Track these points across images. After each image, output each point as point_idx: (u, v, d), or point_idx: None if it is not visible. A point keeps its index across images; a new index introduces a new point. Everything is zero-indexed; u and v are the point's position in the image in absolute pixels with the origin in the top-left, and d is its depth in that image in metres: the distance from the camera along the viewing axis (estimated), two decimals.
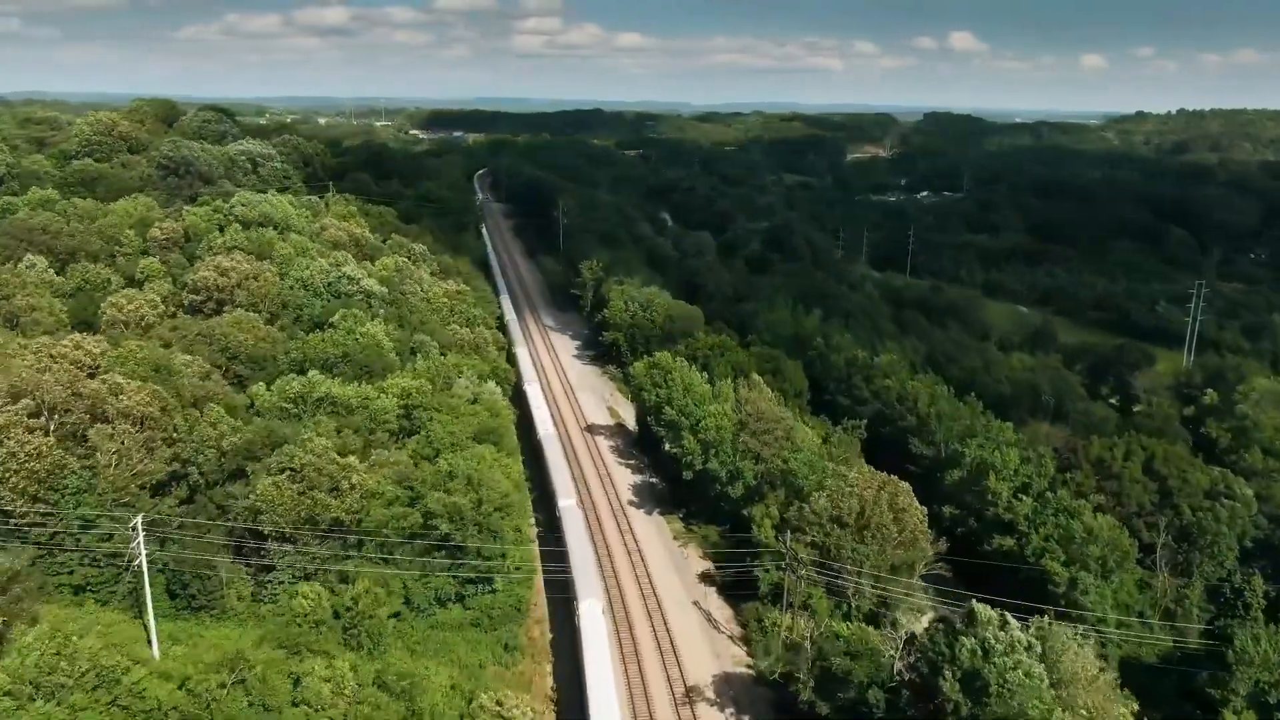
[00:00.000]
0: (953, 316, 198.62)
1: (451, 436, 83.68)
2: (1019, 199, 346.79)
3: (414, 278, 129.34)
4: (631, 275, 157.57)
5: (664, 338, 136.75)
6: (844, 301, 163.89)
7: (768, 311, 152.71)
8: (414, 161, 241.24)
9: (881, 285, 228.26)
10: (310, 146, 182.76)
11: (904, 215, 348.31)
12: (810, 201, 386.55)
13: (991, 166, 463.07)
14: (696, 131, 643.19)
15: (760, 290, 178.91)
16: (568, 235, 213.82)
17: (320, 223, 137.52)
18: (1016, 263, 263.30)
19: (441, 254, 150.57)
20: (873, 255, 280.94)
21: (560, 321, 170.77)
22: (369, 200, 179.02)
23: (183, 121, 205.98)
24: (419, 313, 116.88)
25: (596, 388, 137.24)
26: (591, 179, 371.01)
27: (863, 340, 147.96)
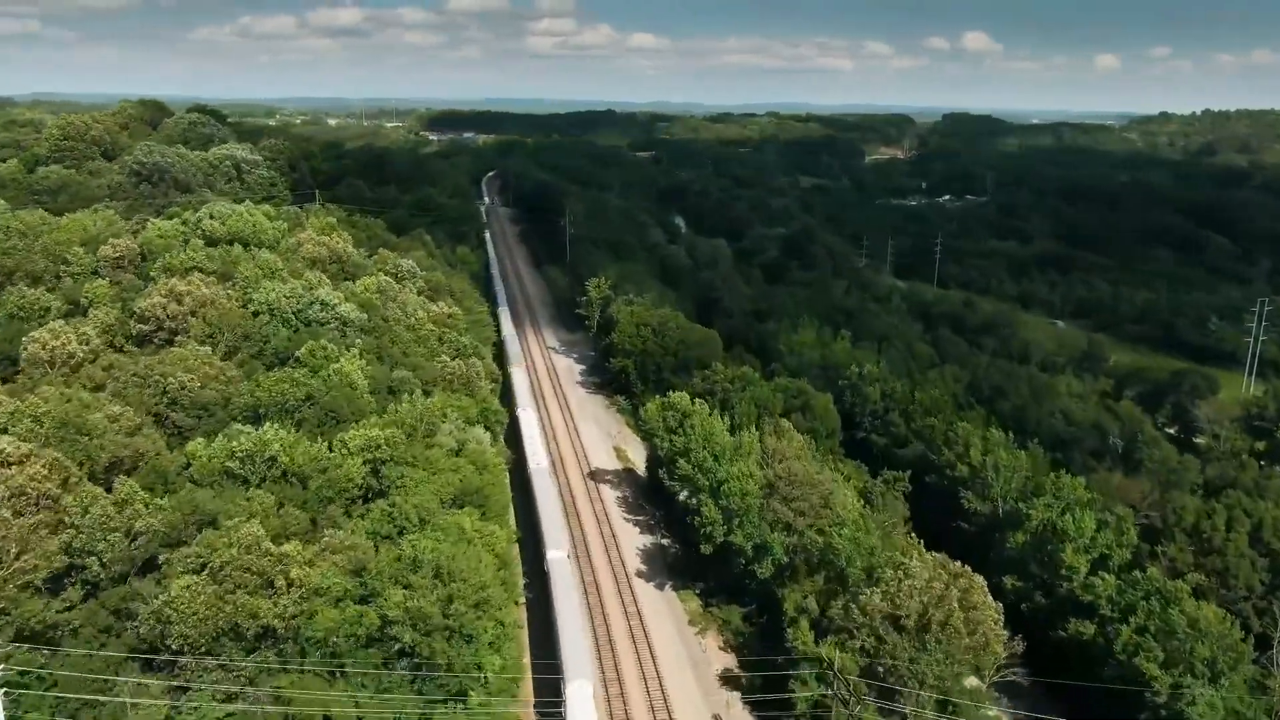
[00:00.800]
0: (988, 334, 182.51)
1: (420, 509, 68.54)
2: (1046, 203, 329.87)
3: (399, 300, 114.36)
4: (642, 291, 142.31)
5: (678, 366, 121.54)
6: (874, 321, 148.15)
7: (791, 333, 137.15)
8: (415, 165, 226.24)
9: (909, 297, 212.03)
10: (297, 150, 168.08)
11: (926, 220, 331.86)
12: (828, 205, 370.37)
13: (1014, 169, 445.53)
14: (709, 132, 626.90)
15: (781, 304, 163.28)
16: (575, 244, 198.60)
17: (297, 237, 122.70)
18: (1048, 272, 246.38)
19: (434, 269, 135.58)
20: (896, 263, 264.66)
21: (564, 341, 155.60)
22: (362, 209, 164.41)
23: (167, 124, 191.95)
24: (401, 343, 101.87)
25: (602, 420, 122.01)
26: (602, 181, 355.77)
27: (897, 366, 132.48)
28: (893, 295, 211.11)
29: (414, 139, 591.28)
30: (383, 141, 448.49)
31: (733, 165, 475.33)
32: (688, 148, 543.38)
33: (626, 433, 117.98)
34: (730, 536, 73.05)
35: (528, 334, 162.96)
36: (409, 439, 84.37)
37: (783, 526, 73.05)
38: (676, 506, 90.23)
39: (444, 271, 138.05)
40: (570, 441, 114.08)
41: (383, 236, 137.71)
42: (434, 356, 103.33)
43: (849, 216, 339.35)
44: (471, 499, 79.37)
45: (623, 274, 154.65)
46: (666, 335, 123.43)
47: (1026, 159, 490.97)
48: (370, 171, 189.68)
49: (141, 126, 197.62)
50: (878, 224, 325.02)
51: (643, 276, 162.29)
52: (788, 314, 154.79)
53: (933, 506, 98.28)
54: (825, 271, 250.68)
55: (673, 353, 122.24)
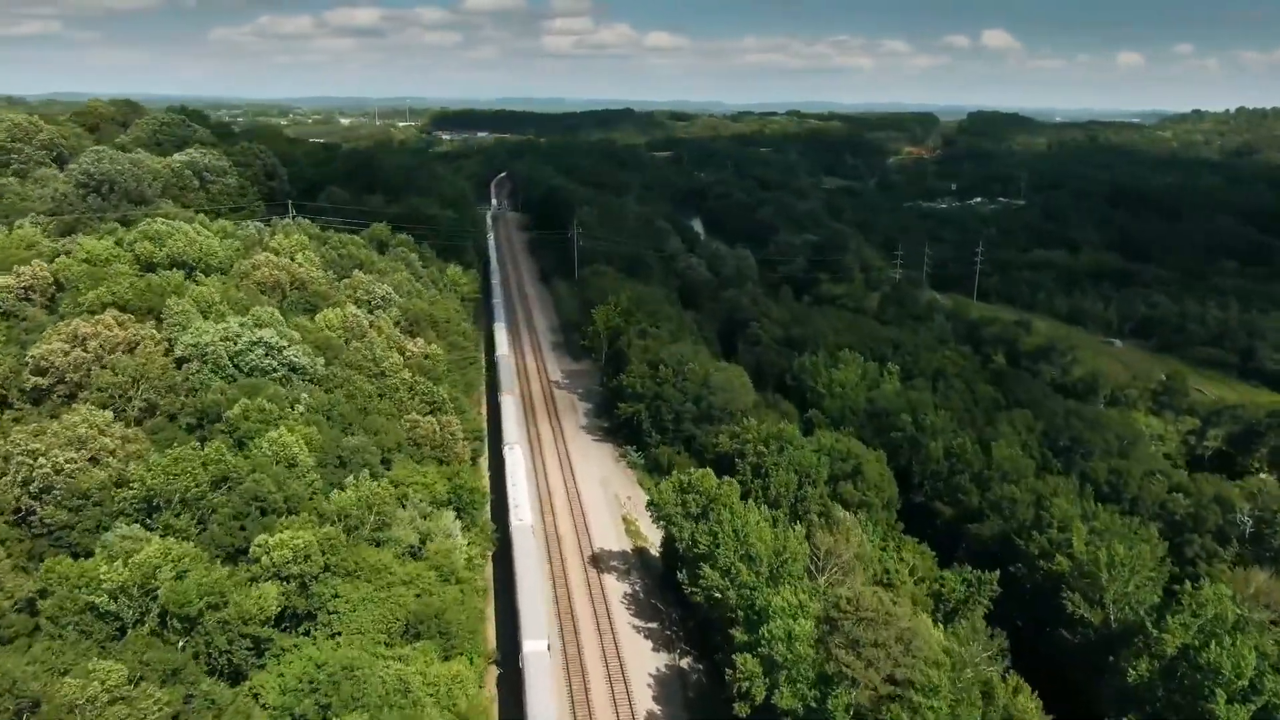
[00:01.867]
0: (1045, 359, 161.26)
1: (348, 668, 48.62)
2: (1090, 207, 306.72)
3: (367, 338, 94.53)
4: (658, 319, 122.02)
5: (700, 415, 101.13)
6: (924, 352, 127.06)
7: (830, 366, 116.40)
8: (407, 172, 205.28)
9: (953, 315, 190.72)
10: (280, 154, 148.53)
11: (960, 225, 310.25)
12: (855, 208, 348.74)
13: (1049, 170, 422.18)
14: (729, 131, 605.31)
15: (815, 329, 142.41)
16: (585, 259, 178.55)
17: (252, 260, 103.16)
18: (1100, 284, 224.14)
19: (418, 294, 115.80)
20: (932, 273, 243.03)
21: (569, 372, 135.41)
22: (344, 221, 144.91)
23: (137, 125, 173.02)
24: (361, 396, 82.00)
25: (609, 477, 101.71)
26: (618, 185, 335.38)
27: (956, 409, 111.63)
28: (934, 313, 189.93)
29: (426, 139, 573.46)
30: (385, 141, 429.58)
31: (754, 166, 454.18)
32: (707, 147, 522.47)
33: (638, 495, 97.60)
34: (775, 698, 52.71)
35: (528, 358, 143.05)
36: (352, 535, 64.69)
37: (848, 682, 52.63)
38: (700, 609, 70.14)
39: (429, 297, 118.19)
40: (569, 507, 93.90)
41: (359, 255, 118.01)
42: (401, 413, 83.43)
43: (878, 221, 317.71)
44: (430, 625, 59.52)
45: (637, 296, 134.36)
46: (687, 377, 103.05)
47: (1059, 159, 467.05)
48: (357, 178, 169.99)
49: (112, 128, 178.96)
50: (909, 230, 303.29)
51: (659, 298, 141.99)
52: (823, 341, 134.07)
53: (1020, 605, 77.83)
54: (855, 284, 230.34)
55: (694, 398, 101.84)
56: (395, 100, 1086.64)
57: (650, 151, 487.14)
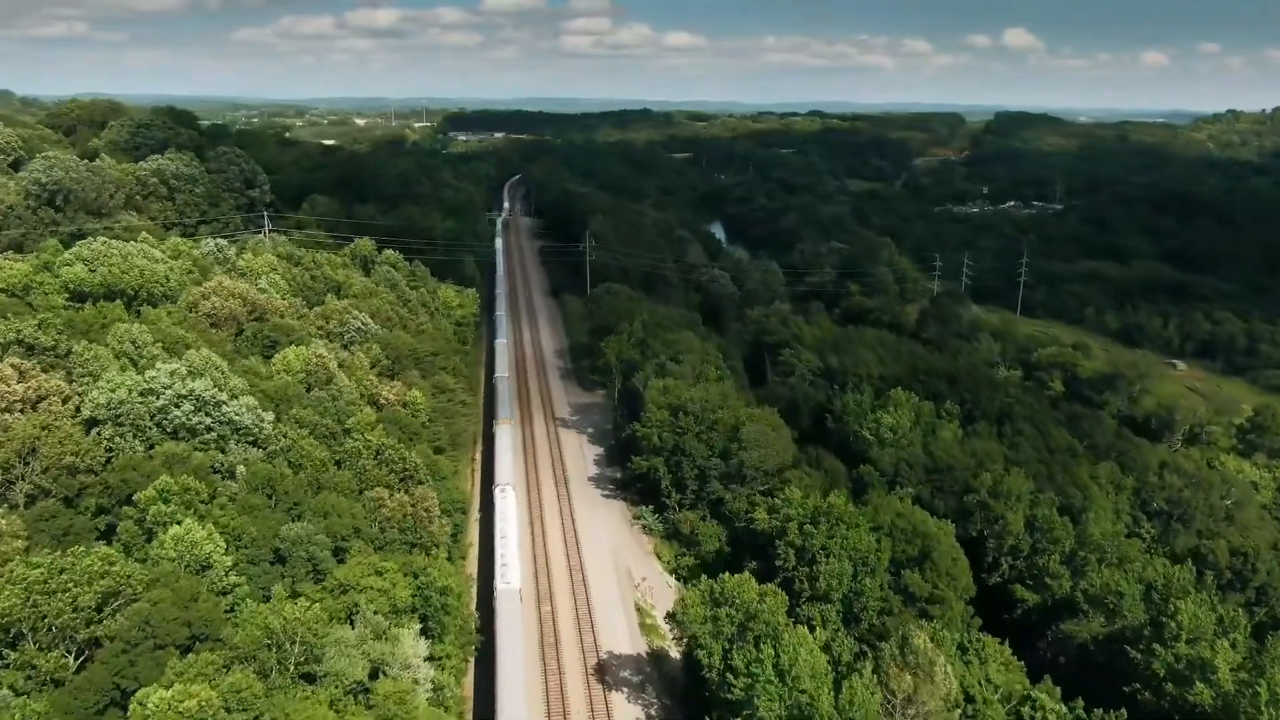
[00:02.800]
0: (1110, 388, 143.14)
1: None
2: (1134, 213, 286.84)
3: (334, 383, 78.41)
4: (678, 351, 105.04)
5: (729, 473, 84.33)
6: (984, 390, 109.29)
7: (876, 405, 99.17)
8: (416, 175, 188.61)
9: (1001, 335, 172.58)
10: (249, 161, 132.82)
11: (996, 231, 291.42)
12: (882, 213, 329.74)
13: (1083, 172, 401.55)
14: (749, 130, 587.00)
15: (855, 355, 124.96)
16: (599, 273, 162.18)
17: (204, 286, 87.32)
18: (1156, 299, 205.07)
19: (402, 323, 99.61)
20: (971, 286, 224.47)
21: (578, 406, 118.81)
22: (332, 236, 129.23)
23: (112, 128, 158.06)
24: (314, 465, 65.75)
25: (620, 546, 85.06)
26: (636, 188, 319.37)
27: (1028, 459, 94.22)
28: (980, 334, 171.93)
29: (441, 139, 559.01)
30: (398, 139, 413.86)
31: (776, 167, 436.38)
32: (727, 148, 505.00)
33: (655, 573, 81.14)
34: None
35: (532, 387, 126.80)
36: (276, 672, 48.50)
37: None
38: None
39: (417, 324, 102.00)
40: (570, 584, 77.22)
41: (337, 277, 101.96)
42: (364, 486, 67.12)
43: (909, 227, 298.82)
44: None
45: (654, 319, 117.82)
46: (713, 426, 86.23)
47: (1092, 161, 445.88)
48: (350, 185, 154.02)
49: (88, 131, 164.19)
50: (941, 236, 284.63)
51: (678, 320, 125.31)
52: (866, 371, 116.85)
53: None
54: (889, 297, 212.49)
55: (721, 452, 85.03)
56: (416, 100, 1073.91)
57: (668, 153, 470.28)
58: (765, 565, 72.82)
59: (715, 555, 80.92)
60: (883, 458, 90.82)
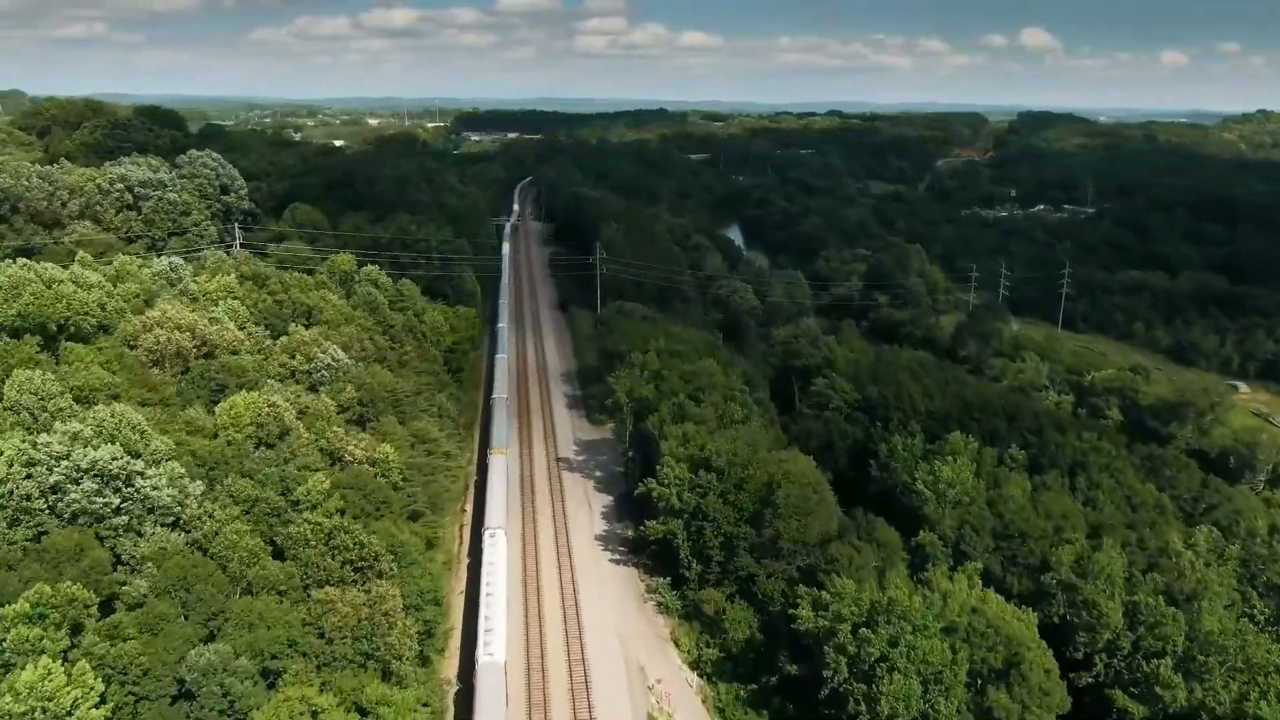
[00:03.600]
0: (1176, 418, 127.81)
1: None
2: (1173, 218, 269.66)
3: (291, 437, 64.49)
4: (700, 385, 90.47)
5: (762, 545, 69.85)
6: (1050, 432, 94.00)
7: (927, 451, 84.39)
8: (415, 179, 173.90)
9: (1047, 353, 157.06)
10: (226, 166, 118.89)
11: (1028, 237, 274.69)
12: (907, 216, 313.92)
13: (1113, 174, 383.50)
14: (766, 129, 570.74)
15: (897, 384, 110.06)
16: (611, 286, 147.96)
17: (145, 316, 73.55)
18: (1210, 313, 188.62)
19: (380, 357, 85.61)
20: (1008, 296, 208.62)
21: (585, 443, 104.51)
22: (318, 249, 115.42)
23: (85, 130, 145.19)
24: (244, 556, 51.71)
25: (630, 635, 70.33)
26: (650, 190, 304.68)
27: (1111, 520, 79.42)
28: (1024, 352, 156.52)
29: (454, 139, 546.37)
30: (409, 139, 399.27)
31: (794, 168, 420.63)
32: (744, 148, 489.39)
33: (672, 664, 66.76)
34: None
35: (534, 417, 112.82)
36: None
37: None
38: None
39: (400, 355, 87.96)
40: (569, 682, 62.89)
41: (308, 300, 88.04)
42: (310, 581, 53.08)
43: (936, 232, 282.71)
44: None
45: (671, 346, 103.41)
46: (742, 485, 71.76)
47: (1121, 162, 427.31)
48: (341, 191, 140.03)
49: (62, 133, 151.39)
50: (971, 242, 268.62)
51: (698, 343, 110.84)
52: (911, 403, 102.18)
53: None
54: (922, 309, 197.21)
55: (752, 515, 70.57)
56: (432, 101, 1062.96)
57: (684, 154, 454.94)
58: (810, 670, 58.55)
59: (745, 645, 66.54)
60: (943, 520, 76.13)
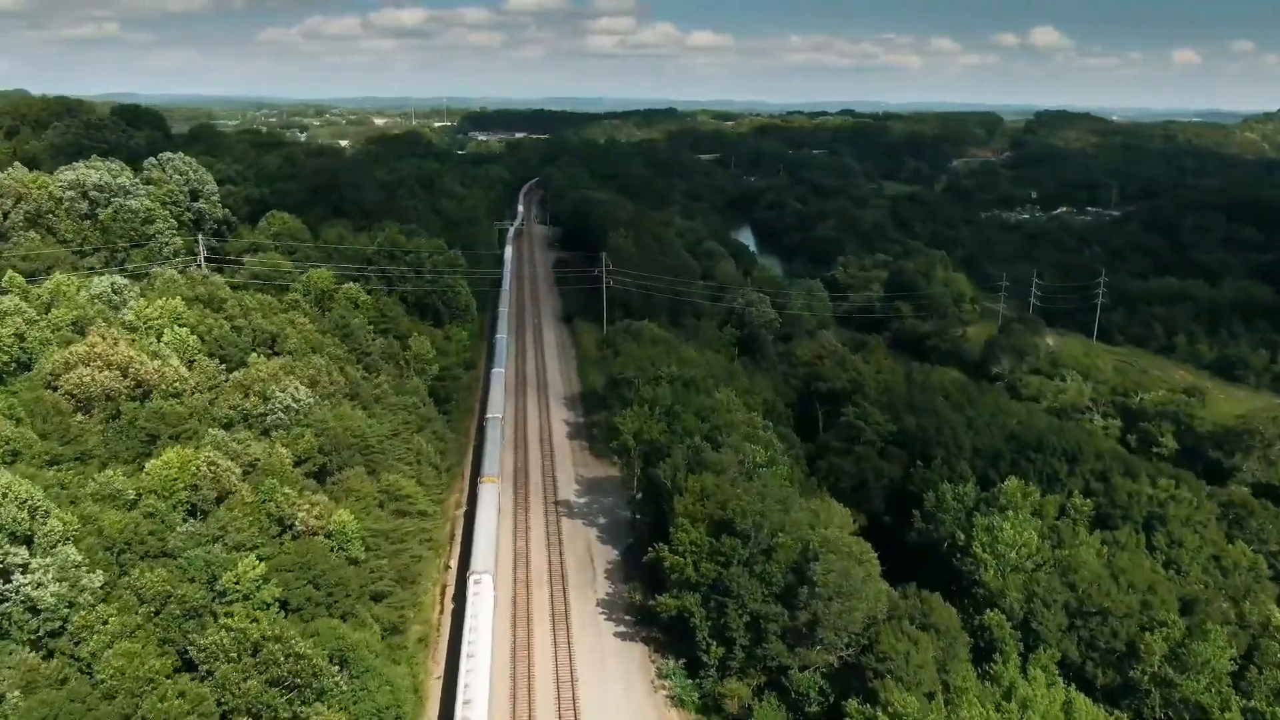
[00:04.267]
0: (1240, 448, 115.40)
1: None
2: (1206, 222, 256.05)
3: (234, 500, 52.88)
4: (718, 424, 78.52)
5: (796, 631, 57.75)
6: (1118, 478, 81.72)
7: (988, 514, 72.17)
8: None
9: (1087, 371, 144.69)
10: (198, 170, 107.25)
11: (1054, 241, 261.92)
12: (924, 218, 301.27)
13: (1136, 174, 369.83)
14: (778, 131, 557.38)
15: (936, 414, 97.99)
16: (618, 300, 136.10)
17: (73, 350, 62.00)
18: (1256, 325, 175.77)
19: (355, 386, 73.87)
20: (1040, 305, 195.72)
21: (587, 482, 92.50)
22: (300, 263, 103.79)
23: (55, 130, 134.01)
24: (134, 682, 39.92)
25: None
26: (660, 192, 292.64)
27: (1201, 592, 67.27)
28: (1064, 370, 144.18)
29: (460, 139, 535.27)
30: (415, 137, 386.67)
31: (807, 169, 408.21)
32: (755, 148, 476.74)
33: None
34: None
35: (530, 446, 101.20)
36: None
37: None
38: None
39: (373, 390, 76.19)
40: None
41: (270, 326, 76.45)
42: (228, 707, 41.32)
43: (956, 235, 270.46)
44: None
45: (685, 374, 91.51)
46: (772, 551, 59.80)
47: (1142, 163, 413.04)
48: (327, 195, 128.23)
49: (30, 133, 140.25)
50: (993, 246, 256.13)
51: (715, 368, 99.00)
52: (953, 436, 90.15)
53: None
54: (949, 321, 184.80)
55: (782, 591, 58.59)
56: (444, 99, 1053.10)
57: (695, 154, 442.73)
58: None
59: None
60: (1008, 592, 63.95)
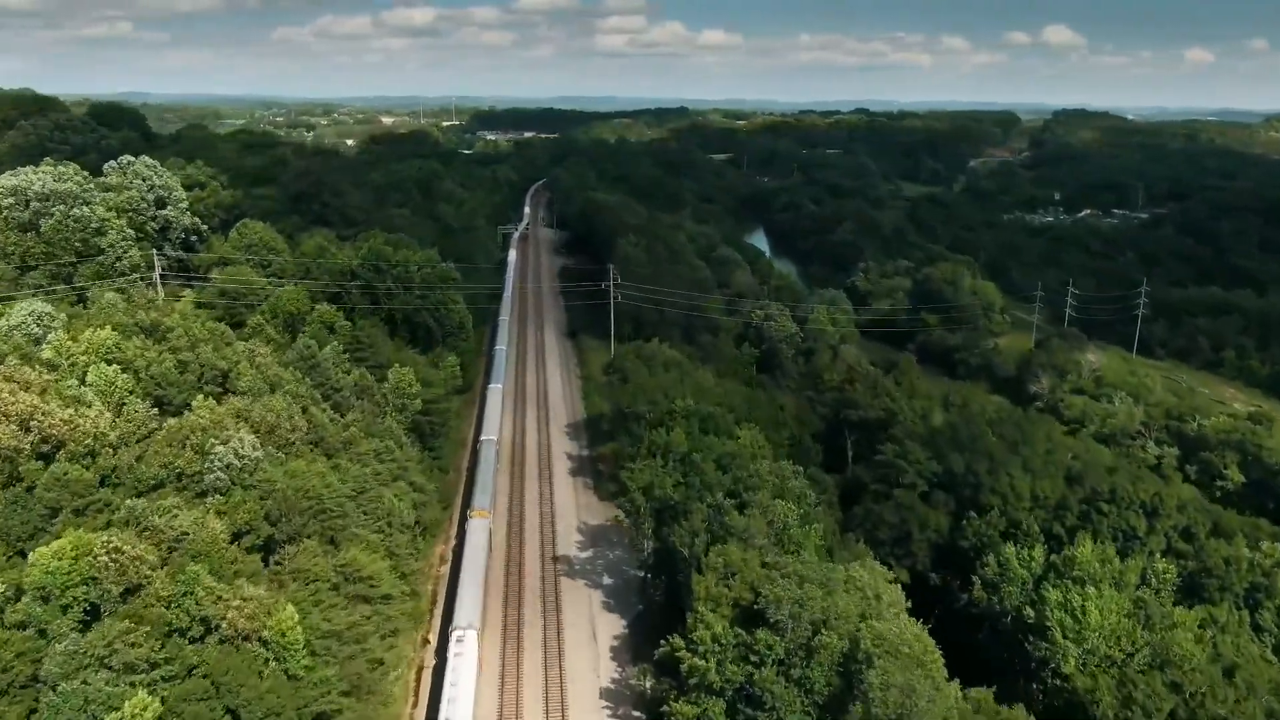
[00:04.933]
0: None
1: None
2: (1245, 225, 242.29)
3: (150, 590, 41.37)
4: (742, 480, 66.58)
5: None
6: (1202, 530, 69.52)
7: (1064, 586, 60.18)
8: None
9: (1134, 390, 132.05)
10: (163, 175, 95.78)
11: (1081, 245, 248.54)
12: (944, 221, 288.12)
13: (1161, 175, 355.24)
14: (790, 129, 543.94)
15: (984, 452, 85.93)
16: (627, 315, 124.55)
17: None
18: None
19: (318, 431, 62.35)
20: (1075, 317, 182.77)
21: (590, 532, 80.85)
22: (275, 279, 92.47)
23: (20, 129, 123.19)
24: None
25: None
26: (672, 193, 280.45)
27: None
28: (1111, 390, 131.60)
29: (468, 138, 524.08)
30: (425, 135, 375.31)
31: (822, 169, 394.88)
32: (769, 147, 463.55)
33: None
34: None
35: (528, 479, 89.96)
36: None
37: None
38: None
39: (340, 434, 64.60)
40: None
41: (223, 360, 65.02)
42: None
43: (978, 239, 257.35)
44: None
45: (699, 392, 79.96)
46: (813, 650, 48.10)
47: (1166, 163, 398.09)
48: (308, 203, 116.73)
49: None
50: (1019, 251, 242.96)
51: (735, 398, 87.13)
52: (1011, 485, 78.18)
53: None
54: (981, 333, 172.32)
55: (823, 702, 46.84)
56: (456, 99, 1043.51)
57: (705, 153, 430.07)
58: None
59: None
60: (1100, 696, 51.99)
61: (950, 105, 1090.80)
